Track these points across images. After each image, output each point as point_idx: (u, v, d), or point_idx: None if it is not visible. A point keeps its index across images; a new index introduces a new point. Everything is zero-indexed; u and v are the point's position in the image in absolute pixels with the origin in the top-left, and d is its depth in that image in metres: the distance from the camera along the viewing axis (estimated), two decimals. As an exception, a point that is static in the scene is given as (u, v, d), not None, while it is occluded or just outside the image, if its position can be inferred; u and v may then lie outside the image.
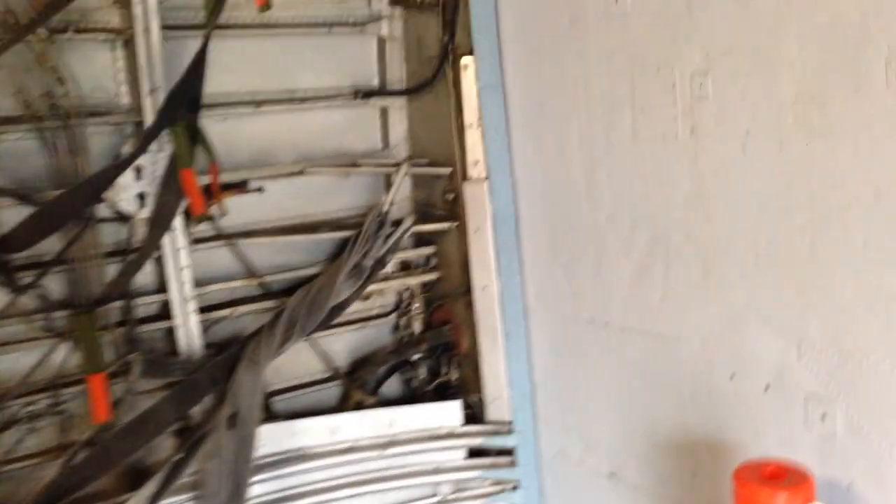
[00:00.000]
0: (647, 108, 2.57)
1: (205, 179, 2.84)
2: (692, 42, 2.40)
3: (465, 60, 3.00)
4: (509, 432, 3.21)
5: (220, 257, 3.10)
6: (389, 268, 3.36)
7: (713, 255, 2.51)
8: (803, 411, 2.35)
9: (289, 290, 3.14)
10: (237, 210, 3.05)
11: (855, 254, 2.15)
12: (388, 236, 3.17)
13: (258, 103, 3.09)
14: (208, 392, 2.91)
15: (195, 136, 2.71)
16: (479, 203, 3.09)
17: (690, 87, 2.42)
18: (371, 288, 3.29)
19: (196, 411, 2.96)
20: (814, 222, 2.22)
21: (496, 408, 3.23)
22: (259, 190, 3.05)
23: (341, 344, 3.43)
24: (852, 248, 2.15)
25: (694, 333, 2.60)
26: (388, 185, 3.31)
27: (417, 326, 3.50)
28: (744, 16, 2.26)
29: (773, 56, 2.21)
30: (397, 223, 3.24)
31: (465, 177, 3.10)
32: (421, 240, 3.43)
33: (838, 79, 2.10)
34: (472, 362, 3.29)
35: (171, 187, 2.69)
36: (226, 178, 2.97)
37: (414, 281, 3.44)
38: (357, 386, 3.37)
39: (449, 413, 3.23)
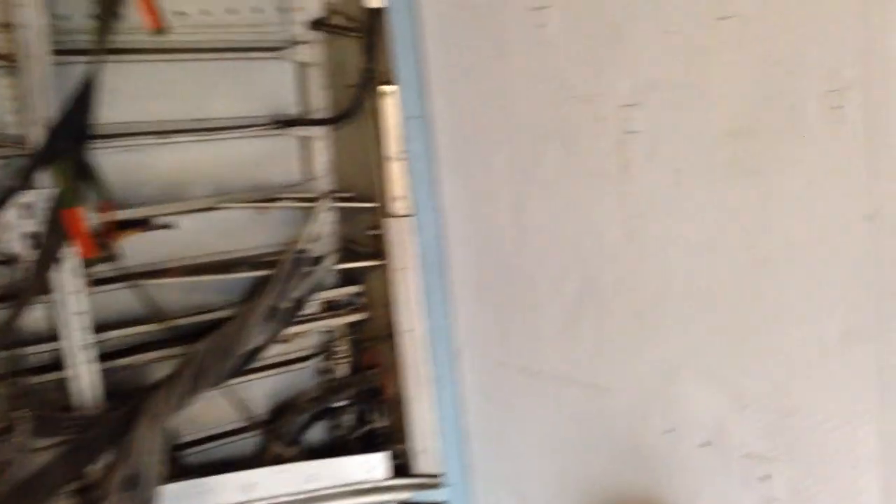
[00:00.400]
0: (574, 142, 2.40)
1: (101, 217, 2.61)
2: (621, 72, 2.23)
3: (387, 89, 2.81)
4: (439, 486, 3.00)
5: (124, 299, 2.86)
6: (314, 308, 3.15)
7: (647, 302, 2.34)
8: (743, 471, 2.19)
9: (200, 334, 2.90)
10: (145, 248, 2.82)
11: (794, 303, 2.00)
12: (309, 275, 2.96)
13: (166, 133, 2.86)
14: (105, 450, 2.65)
15: (84, 172, 2.48)
16: (403, 241, 2.89)
17: (620, 120, 2.25)
18: (293, 329, 3.07)
19: (96, 470, 2.71)
20: (750, 268, 2.06)
21: (425, 459, 3.02)
22: (165, 227, 2.82)
23: (260, 390, 3.19)
24: (791, 297, 2.00)
25: (628, 385, 2.43)
26: (313, 220, 3.09)
27: (343, 371, 3.27)
28: (673, 46, 2.10)
29: (705, 89, 2.06)
30: (319, 261, 3.03)
31: (388, 213, 2.90)
32: (348, 278, 3.22)
33: (772, 113, 1.95)
34: (400, 410, 3.07)
35: (54, 228, 2.45)
36: (129, 214, 2.74)
37: (339, 322, 3.21)
38: (276, 436, 3.13)
39: (375, 465, 3.01)
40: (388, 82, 2.79)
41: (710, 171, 2.09)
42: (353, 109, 2.90)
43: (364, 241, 3.11)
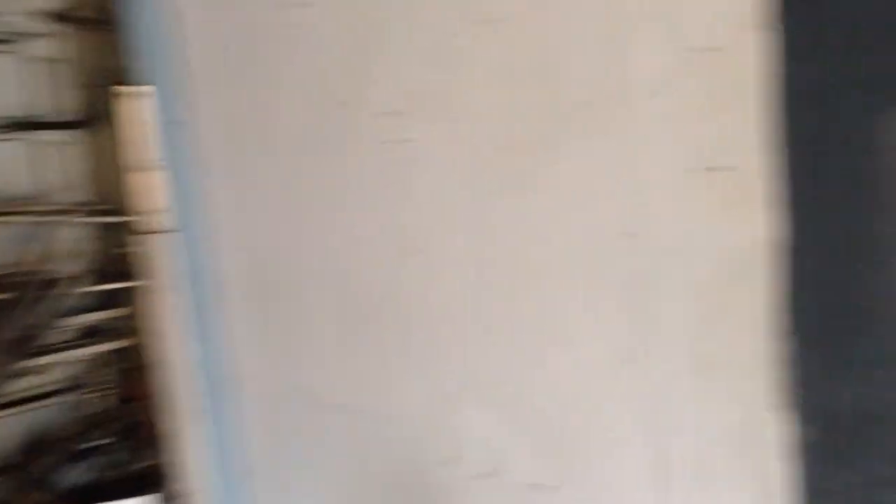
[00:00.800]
0: (342, 151, 2.19)
1: None
2: (384, 78, 2.05)
3: (139, 90, 2.50)
4: (213, 528, 2.72)
5: None
6: (70, 334, 2.79)
7: (424, 324, 2.17)
8: (526, 501, 2.07)
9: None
10: None
11: (564, 325, 1.89)
12: (54, 299, 2.61)
13: None
14: None
15: None
16: (164, 259, 2.59)
17: (385, 129, 2.07)
18: (47, 359, 2.71)
19: None
20: (521, 289, 1.94)
21: (200, 500, 2.73)
22: None
23: (6, 430, 2.80)
24: (561, 319, 1.89)
25: (408, 412, 2.26)
26: (56, 236, 2.74)
27: (105, 404, 2.93)
28: (434, 52, 1.95)
29: (468, 97, 1.91)
30: (65, 282, 2.68)
31: (146, 228, 2.59)
32: (111, 301, 2.88)
33: (534, 125, 1.82)
34: (169, 446, 2.77)
35: None
36: None
37: (98, 350, 2.87)
38: (26, 481, 2.76)
39: (140, 510, 2.71)
40: (139, 82, 2.48)
41: (477, 184, 1.94)
42: (99, 112, 2.58)
43: (122, 260, 2.79)
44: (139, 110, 2.51)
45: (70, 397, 2.93)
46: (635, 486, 1.90)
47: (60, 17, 2.66)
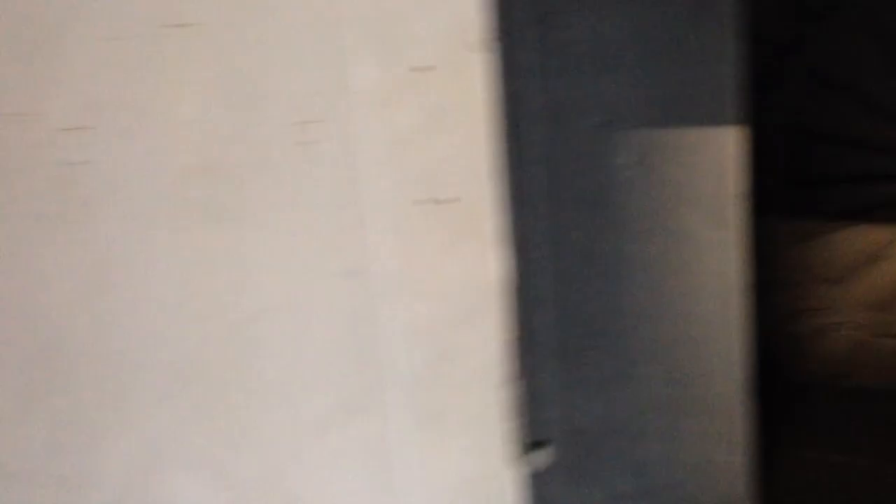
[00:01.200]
0: (8, 174, 1.81)
1: None
2: (59, 88, 1.69)
3: None
4: None
5: None
6: None
7: (119, 374, 1.84)
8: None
9: None
10: None
11: (278, 375, 1.68)
12: None
13: None
14: None
15: None
16: None
17: (62, 148, 1.72)
18: None
19: None
20: (227, 334, 1.70)
21: None
22: None
23: None
24: (274, 369, 1.67)
25: (100, 478, 1.91)
26: None
27: None
28: (119, 58, 1.63)
29: (162, 113, 1.63)
30: None
31: None
32: None
33: (239, 147, 1.59)
34: None
35: None
36: None
37: None
38: None
39: None
40: None
41: (177, 214, 1.67)
42: None
43: None
44: None
45: None
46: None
47: None
